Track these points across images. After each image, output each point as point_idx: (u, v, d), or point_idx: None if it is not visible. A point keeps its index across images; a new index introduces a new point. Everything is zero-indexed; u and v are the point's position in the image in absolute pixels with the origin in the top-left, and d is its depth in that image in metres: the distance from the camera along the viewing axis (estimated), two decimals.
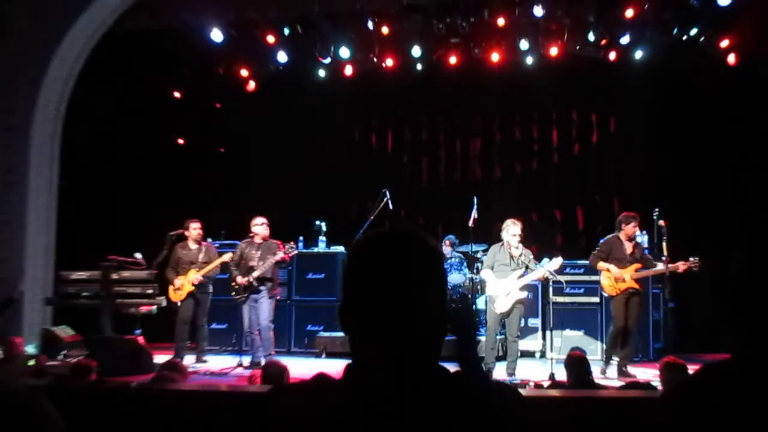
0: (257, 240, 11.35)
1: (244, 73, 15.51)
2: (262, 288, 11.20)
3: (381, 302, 1.84)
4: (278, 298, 11.82)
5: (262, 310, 11.19)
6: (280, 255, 11.21)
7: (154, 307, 11.53)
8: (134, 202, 15.02)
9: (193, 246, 11.77)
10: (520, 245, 10.51)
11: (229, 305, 12.32)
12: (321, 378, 1.96)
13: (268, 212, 11.72)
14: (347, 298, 1.94)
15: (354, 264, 1.94)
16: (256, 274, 11.15)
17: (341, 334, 12.78)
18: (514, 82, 15.06)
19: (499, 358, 10.87)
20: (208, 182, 15.88)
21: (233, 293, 11.34)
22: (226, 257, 11.51)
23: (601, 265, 10.65)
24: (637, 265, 10.60)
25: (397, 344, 1.84)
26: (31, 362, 10.02)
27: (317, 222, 13.78)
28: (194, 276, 11.58)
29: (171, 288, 11.68)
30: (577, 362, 6.88)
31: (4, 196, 12.17)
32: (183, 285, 11.58)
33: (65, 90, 12.59)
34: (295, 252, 11.50)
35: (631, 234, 10.61)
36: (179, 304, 11.63)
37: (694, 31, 13.29)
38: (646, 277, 10.93)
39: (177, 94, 15.64)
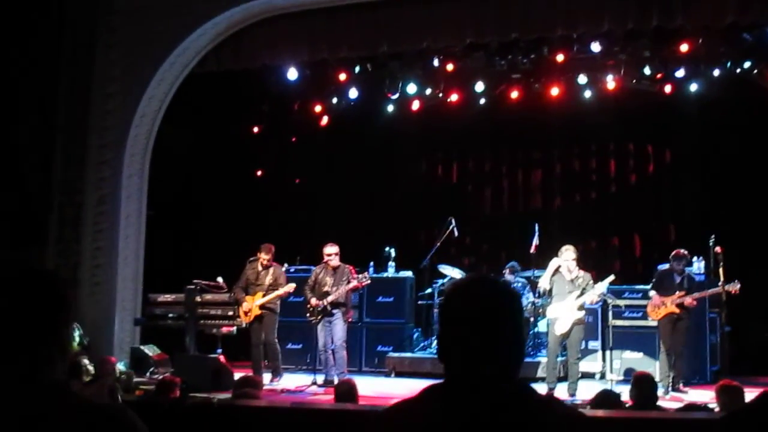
0: (331, 265, 11.30)
1: (317, 109, 15.63)
2: (335, 311, 11.17)
3: (469, 333, 2.08)
4: (351, 320, 11.80)
5: (336, 331, 11.15)
6: (354, 283, 11.19)
7: (234, 328, 11.62)
8: (216, 229, 15.16)
9: (261, 268, 11.66)
10: (576, 268, 10.43)
11: (305, 326, 12.30)
12: (424, 398, 2.14)
13: (341, 239, 11.74)
14: (443, 331, 2.19)
15: (448, 302, 2.20)
16: (330, 298, 11.12)
17: (409, 354, 12.88)
18: (573, 115, 14.89)
19: (560, 379, 10.71)
20: (284, 211, 15.98)
21: (308, 315, 11.32)
22: (290, 288, 11.44)
23: (650, 293, 11.06)
24: (681, 293, 10.73)
25: (482, 366, 2.06)
26: (123, 377, 10.14)
27: (387, 248, 13.78)
28: (260, 300, 11.48)
29: (240, 309, 11.63)
30: (643, 381, 6.72)
31: (98, 225, 12.43)
32: (250, 308, 11.50)
33: (153, 127, 12.86)
34: (368, 282, 11.45)
35: (678, 270, 10.92)
36: (248, 326, 11.59)
37: (747, 65, 13.05)
38: (699, 302, 10.96)
39: (255, 129, 15.82)
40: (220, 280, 11.85)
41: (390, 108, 15.62)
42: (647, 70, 13.69)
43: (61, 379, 2.12)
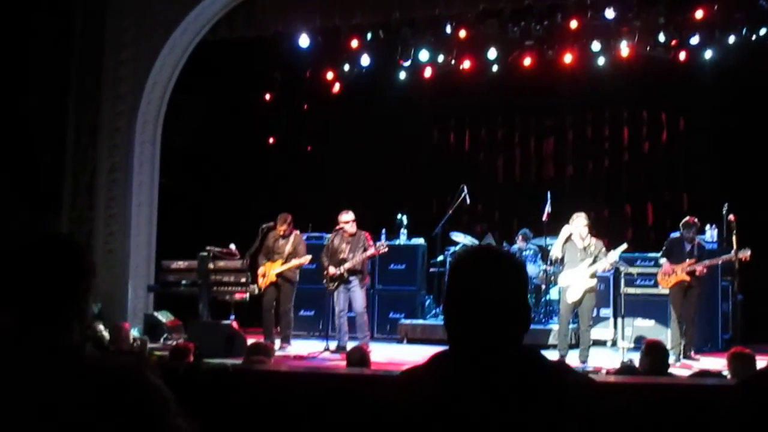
0: (348, 232, 11.28)
1: (329, 76, 15.58)
2: (352, 278, 11.16)
3: (475, 301, 2.13)
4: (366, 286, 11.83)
5: (356, 298, 11.16)
6: (371, 251, 11.15)
7: (247, 295, 11.62)
8: (229, 197, 15.17)
9: (281, 236, 11.72)
10: (588, 236, 10.42)
11: (317, 293, 12.44)
12: (433, 364, 2.20)
13: (353, 206, 11.73)
14: (449, 299, 2.23)
15: (454, 271, 2.24)
16: (347, 266, 11.08)
17: (421, 321, 12.95)
18: (587, 82, 14.79)
19: (571, 347, 10.74)
20: (296, 179, 15.99)
21: (324, 282, 11.34)
22: (305, 260, 11.48)
23: (661, 261, 11.01)
24: (691, 261, 10.64)
25: (488, 334, 2.11)
26: (136, 344, 10.23)
27: (399, 216, 13.79)
28: (278, 268, 11.55)
29: (259, 275, 11.70)
30: (655, 348, 6.71)
31: (110, 192, 12.46)
32: (266, 273, 11.57)
33: (165, 95, 12.84)
34: (385, 249, 11.42)
35: (689, 237, 10.84)
36: (259, 292, 11.64)
37: (762, 32, 12.91)
38: (710, 270, 10.91)
39: (267, 97, 15.80)
40: (232, 247, 11.86)
41: (402, 75, 15.53)
42: (662, 37, 13.55)
43: (78, 343, 2.13)
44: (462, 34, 14.05)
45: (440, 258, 13.34)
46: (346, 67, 15.45)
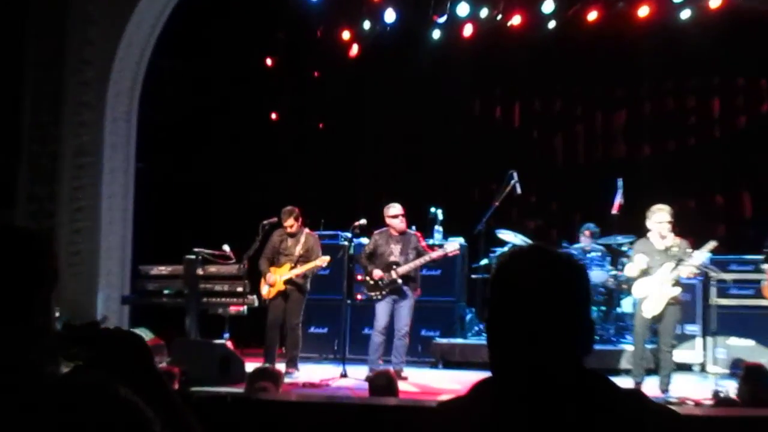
0: (397, 229, 11.43)
1: (345, 36, 15.59)
2: (406, 288, 11.31)
3: (523, 315, 2.13)
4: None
5: (403, 314, 11.32)
6: (437, 253, 11.32)
7: (245, 308, 11.66)
8: (222, 186, 15.26)
9: (289, 235, 11.83)
10: (670, 234, 10.33)
11: (332, 306, 12.58)
12: (476, 393, 2.24)
13: (376, 196, 11.81)
14: (492, 312, 2.24)
15: (498, 277, 2.25)
16: (402, 270, 11.21)
17: (461, 340, 12.95)
18: (667, 41, 14.69)
19: (649, 372, 10.68)
20: (305, 163, 16.05)
21: (367, 290, 11.46)
22: (323, 260, 11.61)
23: (764, 266, 10.82)
24: None
25: (540, 357, 2.11)
26: None
27: (433, 209, 13.76)
28: (287, 273, 11.66)
29: (262, 281, 11.80)
30: (756, 375, 6.64)
31: (77, 181, 12.50)
32: (275, 281, 11.68)
33: (142, 59, 12.89)
34: (457, 252, 11.53)
35: None
36: (267, 302, 11.75)
37: None
38: None
39: (269, 62, 15.83)
40: (226, 248, 11.84)
41: (436, 34, 15.54)
42: None
43: (38, 362, 2.11)
44: None
45: (484, 262, 13.35)
46: (366, 25, 15.47)
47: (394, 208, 11.43)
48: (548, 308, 2.12)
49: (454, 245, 11.49)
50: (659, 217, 10.26)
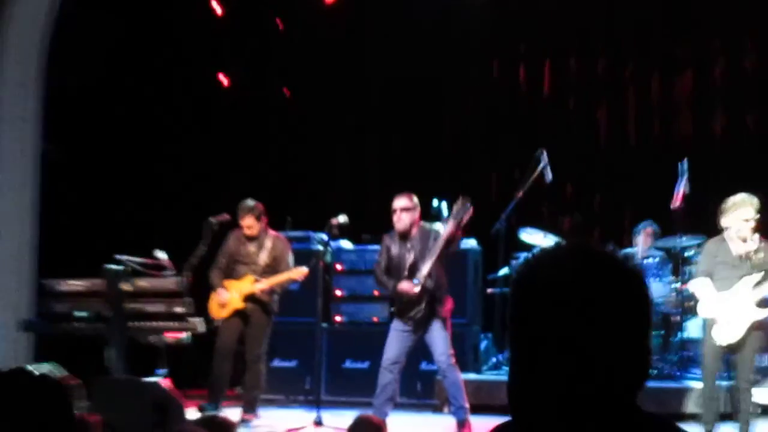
0: (406, 224, 11.23)
1: None
2: (432, 305, 11.08)
3: (557, 340, 2.07)
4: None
5: (439, 338, 11.11)
6: (449, 226, 10.92)
7: (187, 335, 11.66)
8: (155, 175, 15.24)
9: (249, 238, 11.93)
10: (756, 236, 10.21)
11: (302, 332, 12.71)
12: None
13: (359, 186, 11.80)
14: (514, 337, 2.18)
15: (517, 289, 2.19)
16: (426, 269, 10.92)
17: (474, 375, 13.04)
18: None
19: (723, 417, 10.62)
20: (266, 142, 16.12)
21: (394, 309, 11.38)
22: (300, 273, 11.63)
23: None
24: None
25: (578, 394, 2.06)
26: None
27: (436, 202, 13.64)
28: (248, 288, 11.71)
29: (213, 298, 11.87)
30: None
31: None
32: (231, 298, 11.76)
33: (49, 14, 12.83)
34: (470, 211, 11.11)
35: None
36: (217, 324, 11.81)
37: None
38: None
39: (218, 10, 15.85)
40: (161, 255, 11.85)
41: None
42: None
43: None
44: None
45: (504, 272, 13.38)
46: None
47: (395, 200, 11.31)
48: (591, 331, 2.06)
49: (463, 204, 11.13)
50: (741, 213, 10.04)
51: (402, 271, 11.12)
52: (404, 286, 10.95)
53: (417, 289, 10.83)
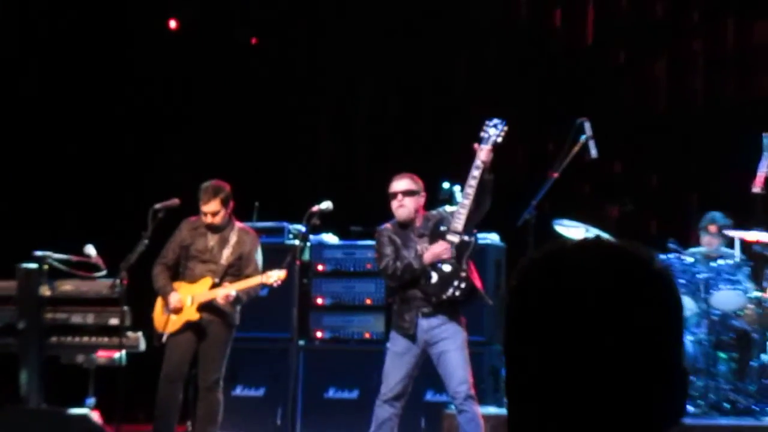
0: (410, 211, 11.15)
1: None
2: (450, 316, 10.97)
3: (570, 365, 2.05)
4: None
5: (455, 359, 11.00)
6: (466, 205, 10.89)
7: (122, 354, 11.52)
8: (86, 152, 15.22)
9: (210, 228, 11.75)
10: None
11: (273, 351, 12.82)
12: None
13: (345, 163, 11.65)
14: (512, 359, 2.16)
15: (521, 304, 2.16)
16: (459, 222, 10.94)
17: (493, 409, 12.88)
18: None
19: None
20: (226, 106, 16.06)
21: (404, 324, 11.03)
22: (276, 276, 11.50)
23: None
24: None
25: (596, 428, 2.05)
26: None
27: (446, 185, 13.53)
28: (205, 294, 11.54)
29: (158, 308, 11.74)
30: None
31: None
32: (182, 305, 11.57)
33: None
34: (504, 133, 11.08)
35: None
36: (164, 340, 11.67)
37: None
38: None
39: None
40: (91, 251, 11.73)
41: None
42: None
43: None
44: None
45: None
46: None
47: (395, 182, 11.28)
48: (605, 354, 2.05)
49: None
50: None
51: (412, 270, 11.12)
52: (436, 249, 10.95)
53: (455, 240, 10.87)
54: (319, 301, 13.18)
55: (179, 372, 11.63)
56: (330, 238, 13.48)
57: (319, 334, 12.91)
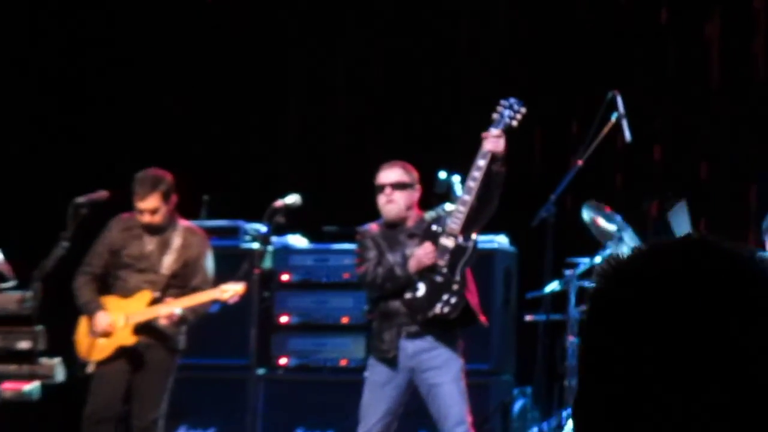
0: (397, 208, 11.21)
1: None
2: (444, 340, 11.01)
3: (655, 384, 2.07)
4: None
5: (450, 394, 11.04)
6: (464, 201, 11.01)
7: (33, 386, 11.39)
8: None
9: (152, 230, 11.71)
10: None
11: (226, 381, 12.80)
12: None
13: (320, 149, 11.45)
14: (585, 386, 2.18)
15: (597, 316, 2.17)
16: (456, 222, 10.98)
17: None
18: None
19: None
20: (172, 77, 16.05)
21: (379, 352, 11.16)
22: (233, 291, 11.53)
23: None
24: None
25: None
26: None
27: (443, 174, 13.41)
28: (142, 312, 11.54)
29: (82, 329, 11.71)
30: None
31: None
32: (114, 326, 11.51)
33: None
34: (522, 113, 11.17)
35: None
36: (90, 369, 11.59)
37: None
38: None
39: None
40: None
41: None
42: None
43: None
44: None
45: (552, 287, 13.11)
46: None
47: (383, 173, 11.35)
48: (706, 375, 2.05)
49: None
50: None
51: (394, 282, 11.14)
52: (419, 253, 10.98)
53: (450, 244, 10.89)
54: (284, 319, 13.14)
55: (109, 410, 11.57)
56: (298, 241, 13.45)
57: (283, 361, 12.90)
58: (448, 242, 10.88)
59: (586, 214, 12.93)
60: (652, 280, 2.12)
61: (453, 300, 10.85)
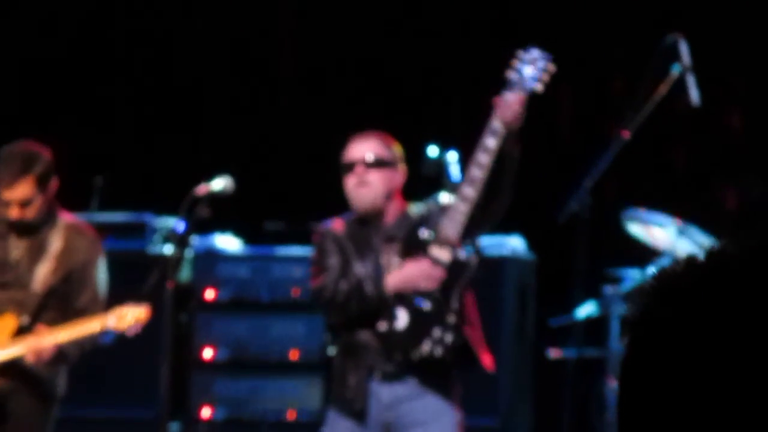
0: (358, 210, 11.32)
1: None
2: (432, 384, 11.07)
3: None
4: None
5: None
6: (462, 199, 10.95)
7: None
8: None
9: (22, 228, 11.81)
10: None
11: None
12: None
13: (265, 116, 11.77)
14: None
15: (648, 353, 2.23)
16: (452, 227, 10.94)
17: None
18: None
19: None
20: (54, 27, 16.37)
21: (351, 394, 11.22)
22: (125, 317, 11.59)
23: None
24: None
25: None
26: None
27: (435, 151, 13.78)
28: (8, 343, 11.63)
29: None
30: None
31: None
32: None
33: None
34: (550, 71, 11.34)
35: None
36: None
37: None
38: None
39: None
40: None
41: None
42: None
43: None
44: None
45: (587, 311, 13.36)
46: None
47: (354, 146, 11.44)
48: None
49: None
50: None
51: (363, 303, 11.16)
52: (410, 270, 11.04)
53: (445, 257, 10.92)
54: (208, 353, 13.22)
55: None
56: (228, 243, 13.58)
57: (206, 413, 13.02)
58: (441, 255, 10.87)
59: (631, 226, 13.25)
60: (714, 299, 2.18)
61: (447, 338, 10.84)
